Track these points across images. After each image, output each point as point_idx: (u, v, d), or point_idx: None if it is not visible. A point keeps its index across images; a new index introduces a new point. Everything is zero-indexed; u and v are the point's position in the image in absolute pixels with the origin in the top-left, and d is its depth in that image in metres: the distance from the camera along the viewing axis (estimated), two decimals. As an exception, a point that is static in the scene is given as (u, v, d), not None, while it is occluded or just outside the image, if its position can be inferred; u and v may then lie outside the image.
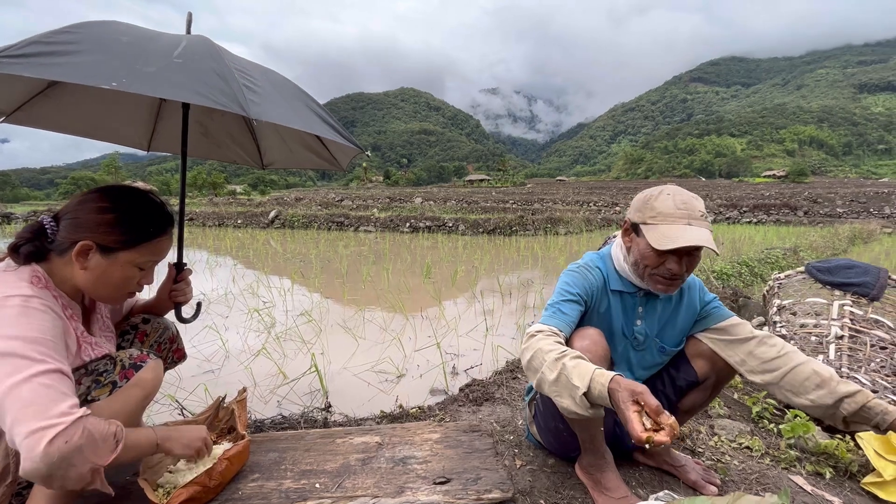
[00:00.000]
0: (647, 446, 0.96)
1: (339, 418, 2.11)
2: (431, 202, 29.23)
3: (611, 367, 1.44)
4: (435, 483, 1.38)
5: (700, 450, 1.80)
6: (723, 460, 1.73)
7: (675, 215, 1.25)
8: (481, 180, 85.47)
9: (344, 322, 4.05)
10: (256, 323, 3.99)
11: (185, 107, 1.49)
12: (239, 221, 18.26)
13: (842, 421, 1.29)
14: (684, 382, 1.51)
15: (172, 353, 1.61)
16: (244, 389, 1.71)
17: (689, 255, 1.28)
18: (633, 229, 1.37)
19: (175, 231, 1.29)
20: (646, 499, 1.42)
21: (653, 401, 1.00)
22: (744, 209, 23.84)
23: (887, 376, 1.91)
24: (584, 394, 1.07)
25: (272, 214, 18.19)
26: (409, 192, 40.54)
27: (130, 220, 1.15)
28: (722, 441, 1.86)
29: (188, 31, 1.34)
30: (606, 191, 39.86)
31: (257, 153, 2.03)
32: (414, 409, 2.11)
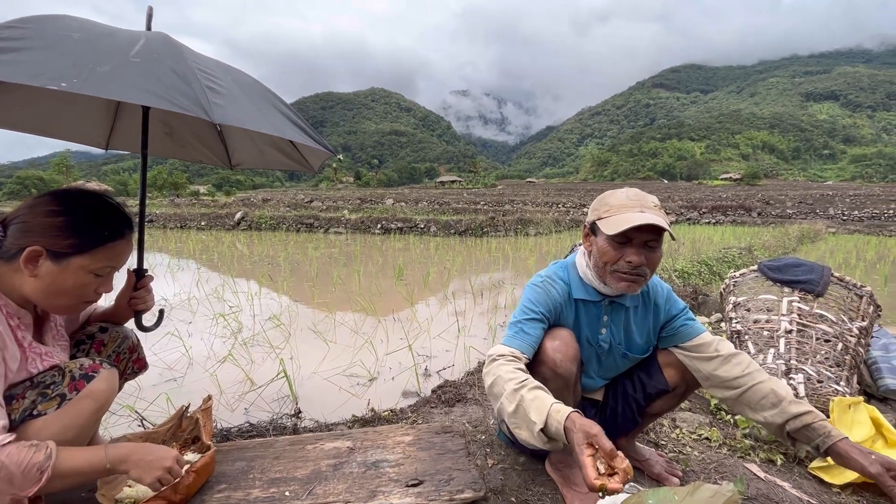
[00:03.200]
0: (599, 494, 0.95)
1: (309, 424, 2.08)
2: (403, 203, 29.10)
3: (580, 367, 1.48)
4: (407, 486, 1.38)
5: (663, 442, 1.87)
6: (684, 451, 1.80)
7: (627, 205, 1.28)
8: (453, 181, 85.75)
9: (314, 326, 3.99)
10: (222, 328, 3.86)
11: (145, 106, 1.43)
12: (203, 223, 17.63)
13: (787, 438, 1.36)
14: (654, 390, 1.53)
15: (133, 363, 1.54)
16: (209, 397, 1.66)
17: (647, 247, 1.28)
18: (591, 231, 1.39)
19: (135, 235, 1.24)
20: (613, 492, 1.47)
21: (607, 444, 0.98)
22: (703, 210, 24.92)
23: (831, 367, 2.05)
24: (542, 429, 1.08)
25: (238, 216, 17.65)
26: (380, 193, 40.22)
27: (83, 223, 1.09)
28: (683, 433, 1.95)
29: (148, 28, 1.28)
30: (575, 192, 40.79)
31: (225, 153, 1.97)
32: (386, 413, 2.11)
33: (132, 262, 1.37)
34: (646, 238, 1.26)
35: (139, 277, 1.44)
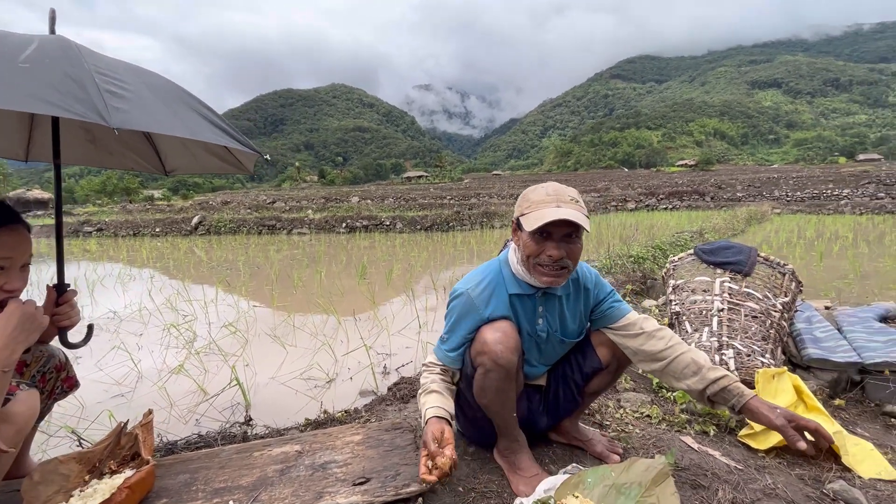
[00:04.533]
0: (423, 485, 1.36)
1: (261, 430, 2.05)
2: (369, 201, 28.78)
3: (521, 356, 1.53)
4: (354, 484, 1.40)
5: (607, 422, 1.96)
6: (626, 430, 1.90)
7: (545, 201, 1.34)
8: (419, 177, 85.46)
9: (272, 330, 3.91)
10: (175, 339, 3.73)
11: (55, 119, 1.36)
12: (157, 229, 16.87)
13: (707, 402, 1.47)
14: (590, 369, 1.62)
15: (62, 383, 1.49)
16: (149, 412, 1.61)
17: (566, 241, 1.34)
18: (517, 226, 1.43)
19: (53, 242, 1.19)
20: (556, 474, 1.54)
21: (429, 445, 1.32)
22: (661, 197, 25.91)
23: (758, 341, 2.20)
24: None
25: (196, 220, 16.99)
26: (345, 192, 39.59)
27: None
28: (626, 412, 2.05)
29: (52, 31, 1.22)
30: (539, 183, 41.42)
31: (157, 159, 1.89)
32: (340, 413, 2.11)
33: (52, 277, 1.31)
34: (564, 231, 1.33)
35: (60, 293, 1.38)
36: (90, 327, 1.55)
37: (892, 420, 2.13)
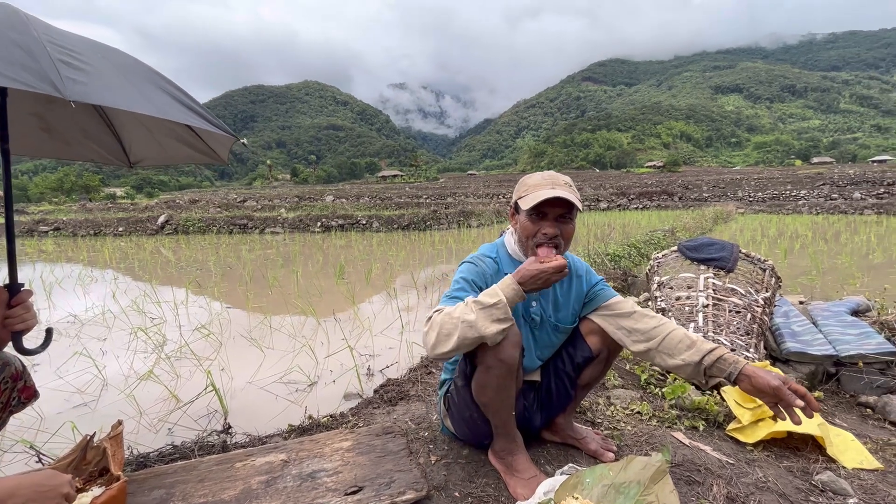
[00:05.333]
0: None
1: (241, 439, 1.94)
2: (344, 200, 28.34)
3: (521, 352, 1.50)
4: (346, 494, 1.32)
5: (599, 420, 1.95)
6: (618, 427, 1.89)
7: (541, 184, 1.42)
8: (395, 176, 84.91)
9: (248, 333, 3.76)
10: (143, 343, 3.53)
11: (2, 95, 1.21)
12: (120, 229, 16.11)
13: (703, 375, 1.46)
14: (581, 358, 1.63)
15: (19, 393, 1.35)
16: (119, 423, 1.49)
17: (560, 220, 1.41)
18: (515, 210, 1.51)
19: (2, 238, 1.06)
20: (553, 475, 1.51)
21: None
22: (631, 197, 26.59)
23: (742, 336, 2.24)
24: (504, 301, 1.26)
25: (162, 219, 16.31)
26: (319, 190, 38.86)
27: None
28: (617, 409, 2.04)
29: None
30: (514, 183, 41.65)
31: (121, 150, 1.75)
32: (325, 418, 2.02)
33: (4, 278, 1.18)
34: (559, 212, 1.40)
35: (13, 293, 1.24)
36: (49, 331, 1.41)
37: (867, 410, 2.20)
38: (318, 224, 15.82)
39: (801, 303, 2.97)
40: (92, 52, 1.02)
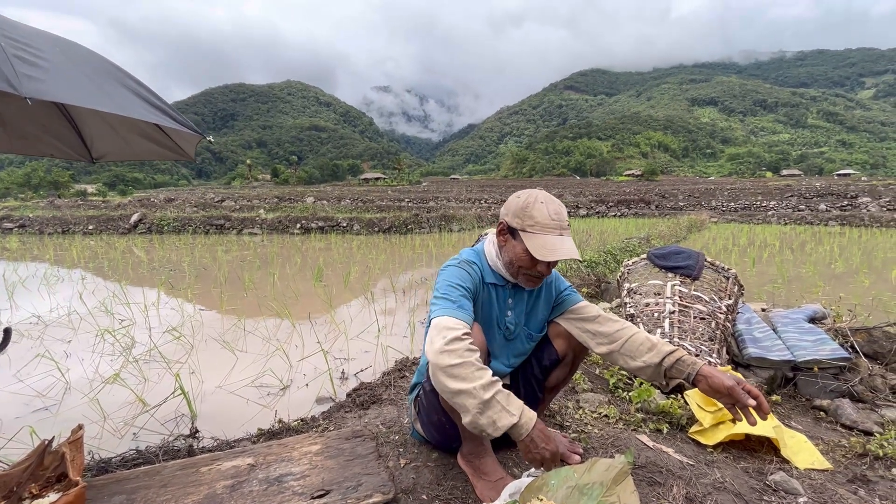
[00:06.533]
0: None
1: (209, 443, 1.91)
2: (325, 201, 28.06)
3: (488, 357, 1.53)
4: (313, 497, 1.32)
5: (568, 423, 1.99)
6: (586, 430, 1.93)
7: (550, 226, 1.40)
8: (377, 179, 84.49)
9: (221, 335, 3.69)
10: (110, 346, 3.43)
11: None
12: (90, 227, 15.58)
13: (664, 376, 1.52)
14: (549, 361, 1.69)
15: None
16: (80, 427, 1.46)
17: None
18: (509, 232, 1.48)
19: None
20: (520, 477, 1.53)
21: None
22: (610, 204, 27.10)
23: (706, 342, 2.32)
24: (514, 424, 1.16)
25: (135, 218, 15.85)
26: (300, 191, 38.36)
27: None
28: (585, 413, 2.09)
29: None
30: (496, 189, 42.20)
31: (82, 145, 1.71)
32: (296, 422, 2.00)
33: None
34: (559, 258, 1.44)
35: None
36: (6, 332, 1.38)
37: (821, 413, 2.31)
38: (298, 226, 15.62)
39: (763, 310, 3.09)
40: (51, 47, 1.00)
